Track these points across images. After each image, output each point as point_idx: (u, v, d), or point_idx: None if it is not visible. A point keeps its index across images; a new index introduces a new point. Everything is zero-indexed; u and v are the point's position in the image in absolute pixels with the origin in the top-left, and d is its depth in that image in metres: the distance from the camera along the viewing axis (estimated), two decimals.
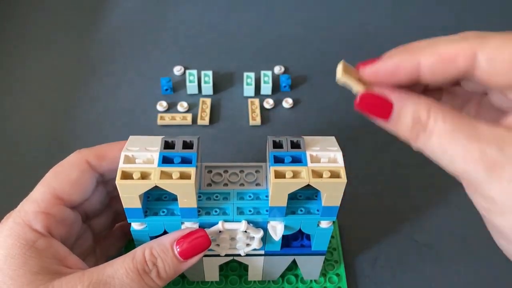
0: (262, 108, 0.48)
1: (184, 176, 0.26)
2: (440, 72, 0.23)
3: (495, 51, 0.21)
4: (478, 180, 0.22)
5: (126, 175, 0.26)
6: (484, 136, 0.21)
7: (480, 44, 0.22)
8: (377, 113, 0.24)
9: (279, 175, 0.26)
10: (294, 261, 0.33)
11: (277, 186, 0.26)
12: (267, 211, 0.29)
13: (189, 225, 0.29)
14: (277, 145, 0.28)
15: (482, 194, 0.22)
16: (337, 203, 0.28)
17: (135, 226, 0.29)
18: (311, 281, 0.35)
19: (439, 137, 0.22)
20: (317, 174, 0.26)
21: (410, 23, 0.59)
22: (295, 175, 0.26)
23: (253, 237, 0.30)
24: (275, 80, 0.51)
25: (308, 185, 0.26)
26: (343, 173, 0.26)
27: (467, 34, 0.23)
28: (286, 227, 0.29)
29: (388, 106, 0.23)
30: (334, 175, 0.26)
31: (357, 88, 0.24)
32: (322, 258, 0.33)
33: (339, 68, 0.24)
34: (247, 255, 0.32)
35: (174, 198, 0.29)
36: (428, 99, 0.23)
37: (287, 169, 0.26)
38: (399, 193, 0.41)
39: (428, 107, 0.23)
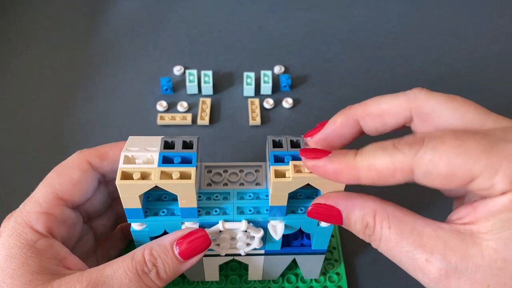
0: (262, 108, 0.48)
1: (184, 176, 0.26)
2: (376, 183, 0.24)
3: (429, 169, 0.22)
4: (428, 286, 0.22)
5: (126, 176, 0.26)
6: (428, 243, 0.22)
7: (415, 162, 0.22)
8: (329, 220, 0.26)
9: (279, 174, 0.26)
10: (294, 261, 0.33)
11: (277, 185, 0.26)
12: (267, 210, 0.29)
13: (189, 225, 0.29)
14: (277, 144, 0.28)
15: None
16: None
17: (135, 226, 0.29)
18: (311, 280, 0.35)
19: (386, 244, 0.23)
20: None
21: (410, 23, 0.59)
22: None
23: (253, 237, 0.30)
24: (275, 80, 0.51)
25: (308, 184, 0.26)
26: None
27: (409, 101, 0.25)
28: (286, 226, 0.29)
29: (338, 214, 0.25)
30: None
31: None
32: (322, 257, 0.33)
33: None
34: (247, 254, 0.32)
35: (174, 198, 0.29)
36: (374, 201, 0.24)
37: (287, 168, 0.26)
38: (399, 192, 0.41)
39: (373, 212, 0.24)
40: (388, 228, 0.23)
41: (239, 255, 0.32)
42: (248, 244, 0.30)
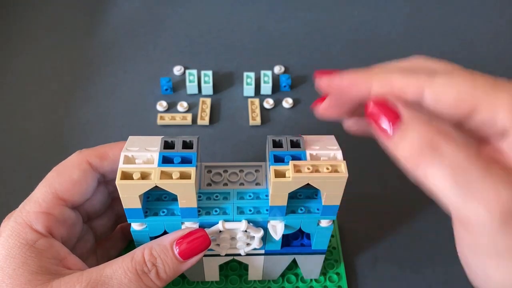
0: (262, 108, 0.48)
1: (184, 176, 0.26)
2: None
3: (440, 90, 0.22)
4: (488, 229, 0.20)
5: (126, 176, 0.26)
6: (500, 178, 0.20)
7: (427, 82, 0.23)
8: (383, 123, 0.22)
9: (279, 174, 0.26)
10: (294, 260, 0.33)
11: (277, 185, 0.26)
12: (267, 210, 0.29)
13: (189, 225, 0.29)
14: (277, 144, 0.28)
15: (486, 243, 0.21)
16: (337, 202, 0.28)
17: (135, 226, 0.29)
18: (311, 280, 0.35)
19: (452, 169, 0.20)
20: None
21: (410, 23, 0.59)
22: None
23: (253, 237, 0.30)
24: (275, 80, 0.51)
25: (308, 184, 0.26)
26: (344, 168, 0.26)
27: (418, 65, 0.25)
28: (286, 226, 0.29)
29: (396, 118, 0.22)
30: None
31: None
32: (322, 257, 0.33)
33: None
34: (247, 254, 0.32)
35: (174, 198, 0.29)
36: (441, 121, 0.22)
37: (287, 168, 0.26)
38: (399, 192, 0.41)
39: (441, 130, 0.21)
40: (457, 150, 0.21)
41: (239, 255, 0.32)
42: (248, 244, 0.30)
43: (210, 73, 0.49)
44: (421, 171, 0.21)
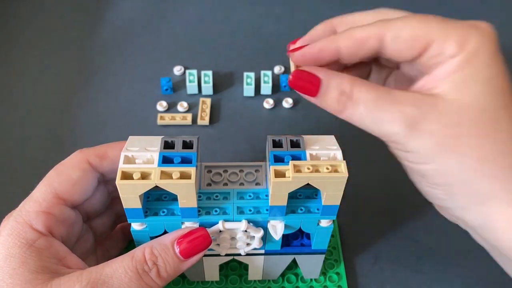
0: (262, 107, 0.48)
1: (184, 176, 0.26)
2: (356, 53, 0.27)
3: (398, 31, 0.26)
4: (403, 138, 0.25)
5: (126, 176, 0.26)
6: (402, 100, 0.25)
7: (386, 27, 0.26)
8: (307, 88, 0.27)
9: (279, 174, 0.26)
10: (294, 260, 0.33)
11: (277, 185, 0.26)
12: (267, 210, 0.29)
13: (189, 225, 0.29)
14: (276, 144, 0.28)
15: (406, 149, 0.26)
16: (337, 202, 0.28)
17: (135, 226, 0.29)
18: (311, 280, 0.35)
19: (365, 105, 0.25)
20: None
21: None
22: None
23: (253, 237, 0.30)
24: (275, 80, 0.51)
25: (308, 184, 0.26)
26: (344, 167, 0.26)
27: (379, 14, 0.29)
28: (286, 226, 0.29)
29: (317, 82, 0.27)
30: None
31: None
32: (322, 257, 0.33)
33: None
34: (248, 254, 0.32)
35: (174, 198, 0.29)
36: (351, 76, 0.27)
37: (287, 168, 0.26)
38: (399, 192, 0.41)
39: (351, 81, 0.26)
40: (367, 91, 0.26)
41: (239, 255, 0.32)
42: (248, 244, 0.30)
43: (210, 73, 0.49)
44: (344, 115, 0.26)
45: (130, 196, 0.26)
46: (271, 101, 0.49)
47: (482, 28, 0.26)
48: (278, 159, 0.27)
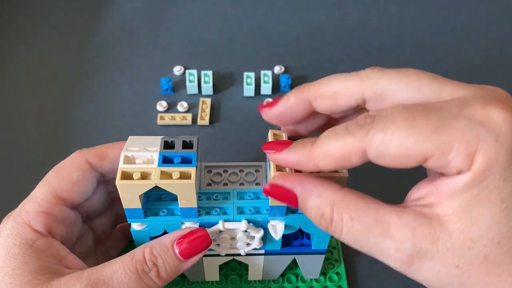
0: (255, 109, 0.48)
1: (184, 176, 0.26)
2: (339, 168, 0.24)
3: (381, 148, 0.21)
4: (402, 271, 0.23)
5: (126, 176, 0.26)
6: (396, 233, 0.22)
7: (365, 142, 0.22)
8: (285, 202, 0.25)
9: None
10: (294, 260, 0.33)
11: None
12: (267, 210, 0.29)
13: (189, 225, 0.29)
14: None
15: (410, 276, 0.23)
16: None
17: (135, 226, 0.29)
18: (311, 280, 0.35)
19: (350, 235, 0.23)
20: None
21: (410, 23, 0.59)
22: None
23: (254, 237, 0.30)
24: (275, 80, 0.51)
25: None
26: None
27: (362, 83, 0.24)
28: (286, 226, 0.29)
29: (293, 197, 0.24)
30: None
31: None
32: (322, 257, 0.33)
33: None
34: (248, 254, 0.32)
35: (174, 198, 0.29)
36: (333, 189, 0.24)
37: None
38: (399, 192, 0.41)
39: (331, 202, 0.23)
40: (351, 220, 0.23)
41: (239, 255, 0.32)
42: (248, 244, 0.30)
43: (210, 73, 0.49)
44: (333, 235, 0.24)
45: (130, 196, 0.26)
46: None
47: (495, 126, 0.20)
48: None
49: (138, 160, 0.27)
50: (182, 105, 0.48)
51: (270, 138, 0.28)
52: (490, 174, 0.20)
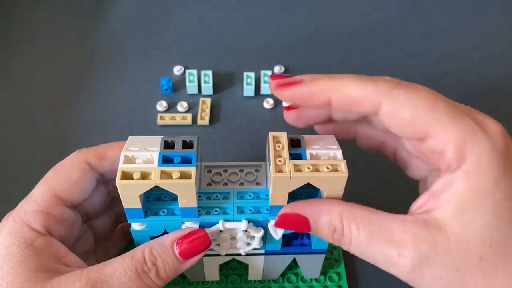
0: (262, 107, 0.48)
1: (184, 175, 0.26)
2: (346, 111, 0.25)
3: (396, 107, 0.23)
4: (406, 279, 0.24)
5: (126, 175, 0.26)
6: (399, 238, 0.23)
7: (386, 96, 0.23)
8: (298, 229, 0.26)
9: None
10: (294, 260, 0.33)
11: (278, 180, 0.26)
12: (267, 210, 0.29)
13: (190, 225, 0.29)
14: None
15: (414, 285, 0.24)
16: None
17: (135, 226, 0.29)
18: (311, 280, 0.35)
19: (357, 245, 0.24)
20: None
21: (410, 23, 0.59)
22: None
23: (254, 236, 0.30)
24: None
25: (308, 184, 0.26)
26: (344, 167, 0.26)
27: (380, 80, 0.25)
28: None
29: (305, 221, 0.26)
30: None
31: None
32: (323, 256, 0.33)
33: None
34: (248, 254, 0.32)
35: (174, 198, 0.29)
36: (340, 205, 0.25)
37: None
38: (399, 192, 0.41)
39: (340, 216, 0.25)
40: (357, 229, 0.24)
41: (239, 254, 0.32)
42: (248, 244, 0.30)
43: (210, 73, 0.49)
44: (345, 248, 0.25)
45: (130, 196, 0.26)
46: (271, 101, 0.48)
47: (487, 131, 0.23)
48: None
49: (138, 160, 0.27)
50: (182, 105, 0.48)
51: (270, 140, 0.27)
52: (482, 180, 0.22)
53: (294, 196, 0.30)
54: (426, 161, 0.26)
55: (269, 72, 0.50)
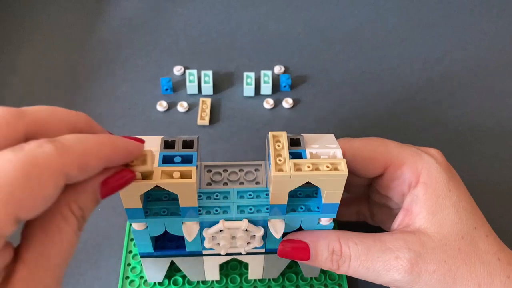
0: (262, 107, 0.49)
1: (184, 175, 0.26)
2: None
3: (356, 151, 0.30)
4: (406, 284, 0.27)
5: None
6: (392, 245, 0.27)
7: (347, 144, 0.30)
8: (297, 255, 0.29)
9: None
10: None
11: (278, 179, 0.26)
12: (267, 209, 0.29)
13: (190, 225, 0.29)
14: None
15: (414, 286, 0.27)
16: (338, 200, 0.28)
17: (136, 226, 0.29)
18: (311, 278, 0.35)
19: (357, 258, 0.27)
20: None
21: (410, 23, 0.59)
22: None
23: (254, 236, 0.30)
24: (275, 80, 0.51)
25: (308, 183, 0.26)
26: (344, 165, 0.26)
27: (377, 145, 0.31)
28: (286, 225, 0.29)
29: (305, 247, 0.29)
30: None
31: None
32: None
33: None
34: (248, 253, 0.32)
35: (174, 198, 0.29)
36: (336, 231, 0.29)
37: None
38: None
39: (337, 238, 0.28)
40: (355, 244, 0.27)
41: (240, 254, 0.32)
42: (248, 243, 0.31)
43: (210, 73, 0.49)
44: (340, 272, 0.29)
45: (130, 196, 0.27)
46: (271, 101, 0.49)
47: (428, 152, 0.29)
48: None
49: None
50: (182, 105, 0.48)
51: (270, 140, 0.27)
52: (438, 187, 0.28)
53: (294, 195, 0.30)
54: (393, 196, 0.31)
55: (269, 72, 0.50)
